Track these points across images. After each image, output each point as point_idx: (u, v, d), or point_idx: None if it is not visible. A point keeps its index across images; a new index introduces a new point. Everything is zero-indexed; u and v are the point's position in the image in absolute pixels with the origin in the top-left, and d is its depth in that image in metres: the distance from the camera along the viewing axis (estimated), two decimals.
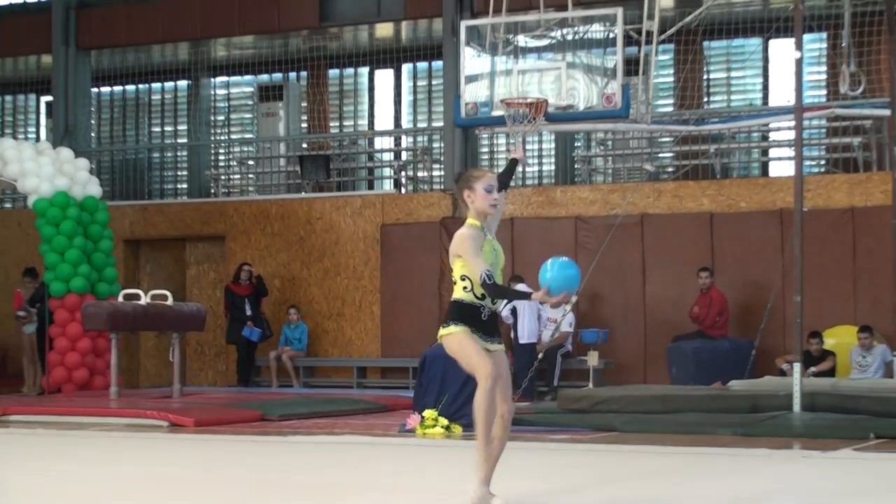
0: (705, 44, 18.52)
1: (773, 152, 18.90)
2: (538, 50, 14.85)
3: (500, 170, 7.76)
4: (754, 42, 18.79)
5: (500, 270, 7.07)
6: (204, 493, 8.00)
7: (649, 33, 14.18)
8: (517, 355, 16.14)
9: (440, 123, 19.56)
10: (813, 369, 14.66)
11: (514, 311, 16.48)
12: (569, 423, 12.15)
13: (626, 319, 17.44)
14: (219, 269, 20.10)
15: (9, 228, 20.92)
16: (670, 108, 18.96)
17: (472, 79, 15.06)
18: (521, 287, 16.46)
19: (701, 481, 8.38)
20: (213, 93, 22.19)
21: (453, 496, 7.33)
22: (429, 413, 11.76)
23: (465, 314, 6.93)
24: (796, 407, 11.83)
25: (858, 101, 16.21)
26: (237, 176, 21.88)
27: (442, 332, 7.01)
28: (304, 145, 21.05)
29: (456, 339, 6.94)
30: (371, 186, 20.55)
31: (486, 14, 15.14)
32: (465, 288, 6.93)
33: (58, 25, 21.42)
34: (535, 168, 19.91)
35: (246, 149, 21.92)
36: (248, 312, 18.61)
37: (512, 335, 16.48)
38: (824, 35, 17.83)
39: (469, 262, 6.85)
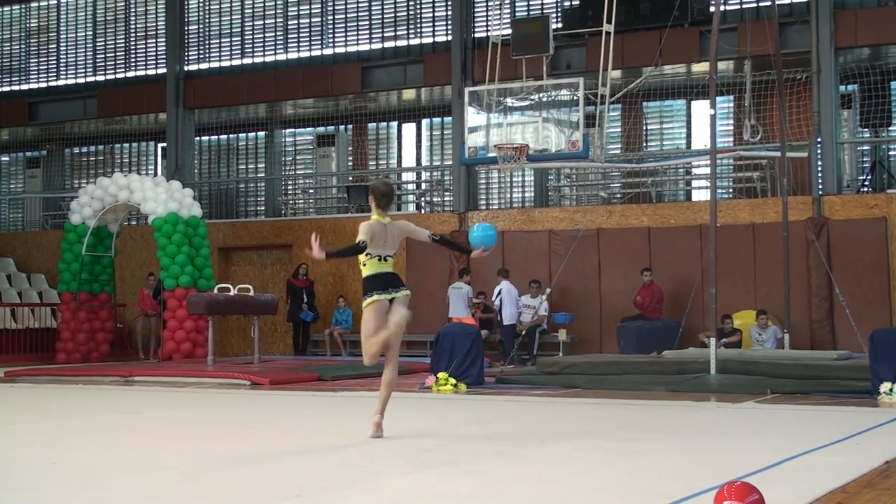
0: (644, 104, 18.43)
1: (694, 183, 18.79)
2: (521, 108, 14.76)
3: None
4: (680, 102, 18.71)
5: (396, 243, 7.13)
6: (275, 431, 7.93)
7: (602, 96, 14.11)
8: (505, 333, 16.17)
9: (450, 162, 19.49)
10: (724, 341, 14.59)
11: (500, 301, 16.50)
12: (545, 382, 12.07)
13: (586, 306, 17.35)
14: (287, 269, 19.99)
15: (134, 240, 20.89)
16: (618, 151, 18.87)
17: (473, 129, 14.99)
18: (504, 283, 16.42)
19: (642, 423, 8.31)
20: (283, 140, 22.13)
21: (457, 436, 7.26)
22: (441, 375, 11.71)
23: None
24: (712, 370, 11.78)
25: (757, 145, 16.16)
26: (301, 200, 21.82)
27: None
28: (350, 178, 21.00)
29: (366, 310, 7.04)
30: (399, 208, 20.45)
31: (484, 82, 15.09)
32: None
33: (171, 91, 21.40)
34: (519, 195, 19.83)
35: (307, 181, 21.86)
36: (305, 300, 18.57)
37: (498, 318, 16.46)
38: (732, 97, 17.77)
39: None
